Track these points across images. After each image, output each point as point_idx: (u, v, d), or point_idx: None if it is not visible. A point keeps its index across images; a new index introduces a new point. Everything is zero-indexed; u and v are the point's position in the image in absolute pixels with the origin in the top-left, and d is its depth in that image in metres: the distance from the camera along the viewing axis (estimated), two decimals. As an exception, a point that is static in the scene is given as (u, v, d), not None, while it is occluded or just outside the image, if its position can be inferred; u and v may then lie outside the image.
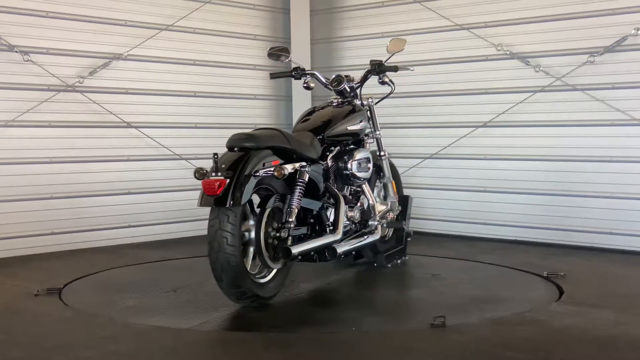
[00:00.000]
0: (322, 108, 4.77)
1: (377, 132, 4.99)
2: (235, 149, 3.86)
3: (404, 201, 5.26)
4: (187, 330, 3.59)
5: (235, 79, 6.74)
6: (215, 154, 3.74)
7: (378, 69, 4.85)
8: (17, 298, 4.24)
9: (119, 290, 4.50)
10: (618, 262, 5.28)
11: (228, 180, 3.66)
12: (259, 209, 4.00)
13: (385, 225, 4.86)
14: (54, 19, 5.74)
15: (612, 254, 5.51)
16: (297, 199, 4.05)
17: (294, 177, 4.07)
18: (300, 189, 4.07)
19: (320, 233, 4.29)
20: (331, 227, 4.31)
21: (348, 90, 4.81)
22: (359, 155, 4.65)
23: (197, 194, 3.76)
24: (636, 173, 5.52)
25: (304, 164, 4.12)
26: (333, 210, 4.41)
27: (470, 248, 5.80)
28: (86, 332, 3.58)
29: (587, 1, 5.67)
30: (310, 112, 4.75)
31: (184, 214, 6.36)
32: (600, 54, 5.60)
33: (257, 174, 3.81)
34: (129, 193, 6.19)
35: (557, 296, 4.20)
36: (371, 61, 4.90)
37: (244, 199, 3.73)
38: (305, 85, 4.87)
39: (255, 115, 6.99)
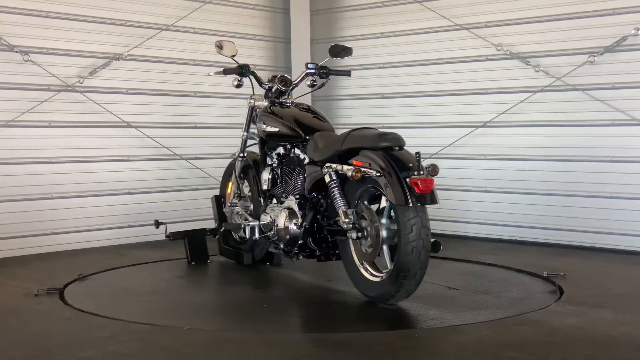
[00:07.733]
0: (290, 108, 4.72)
1: None
2: (397, 148, 3.88)
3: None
4: (187, 330, 3.59)
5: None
6: (417, 152, 3.76)
7: (328, 72, 4.83)
8: (17, 298, 4.24)
9: (119, 290, 4.51)
10: (618, 262, 5.27)
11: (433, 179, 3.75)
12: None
13: None
14: (54, 19, 5.74)
15: (612, 254, 5.50)
16: None
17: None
18: None
19: None
20: None
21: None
22: None
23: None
24: (636, 173, 5.52)
25: None
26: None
27: (470, 248, 5.80)
28: (86, 332, 3.57)
29: (587, 1, 5.67)
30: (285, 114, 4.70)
31: (184, 214, 6.35)
32: (600, 54, 5.59)
33: None
34: (129, 193, 6.19)
35: (557, 296, 4.20)
36: (309, 63, 4.88)
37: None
38: (237, 83, 4.92)
39: (255, 115, 6.98)
